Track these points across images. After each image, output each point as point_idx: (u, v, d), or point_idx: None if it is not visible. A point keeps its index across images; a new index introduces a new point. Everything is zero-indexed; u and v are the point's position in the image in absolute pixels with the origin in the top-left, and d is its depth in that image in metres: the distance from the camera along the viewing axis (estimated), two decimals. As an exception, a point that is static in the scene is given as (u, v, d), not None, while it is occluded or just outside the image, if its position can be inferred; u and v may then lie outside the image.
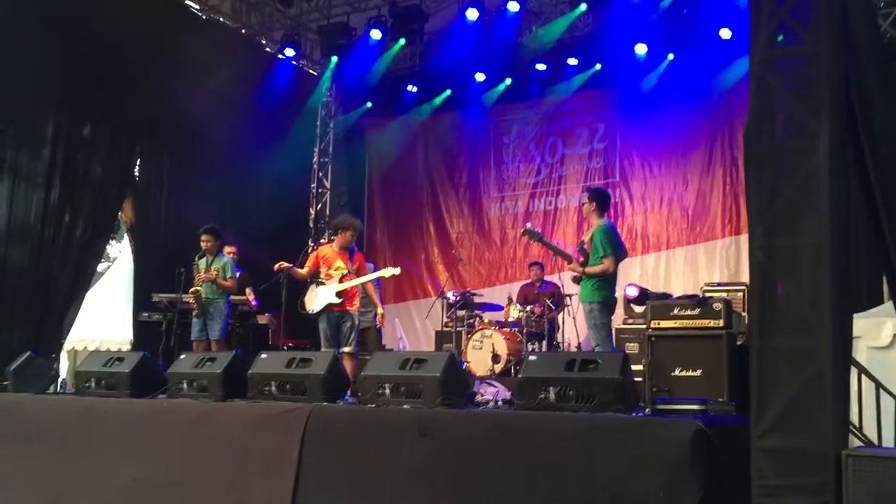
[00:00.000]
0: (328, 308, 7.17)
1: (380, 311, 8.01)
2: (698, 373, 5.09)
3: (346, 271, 7.27)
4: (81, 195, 8.72)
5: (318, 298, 7.24)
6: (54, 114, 8.55)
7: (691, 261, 10.45)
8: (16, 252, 8.10)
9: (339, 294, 7.16)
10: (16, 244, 8.09)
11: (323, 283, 7.27)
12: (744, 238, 9.78)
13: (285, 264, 7.38)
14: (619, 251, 6.66)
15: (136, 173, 9.92)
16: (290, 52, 11.27)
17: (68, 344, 9.59)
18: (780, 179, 3.33)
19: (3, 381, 6.47)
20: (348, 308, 7.25)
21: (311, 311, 7.28)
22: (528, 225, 7.42)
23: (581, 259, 6.61)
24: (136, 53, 9.20)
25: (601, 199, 6.85)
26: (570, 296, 8.82)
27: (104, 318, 10.83)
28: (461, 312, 9.52)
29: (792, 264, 3.24)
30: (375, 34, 10.75)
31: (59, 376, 7.46)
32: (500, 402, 5.34)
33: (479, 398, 5.60)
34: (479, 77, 11.69)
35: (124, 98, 9.18)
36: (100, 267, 11.18)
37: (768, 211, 3.34)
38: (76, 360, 10.78)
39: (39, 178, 8.36)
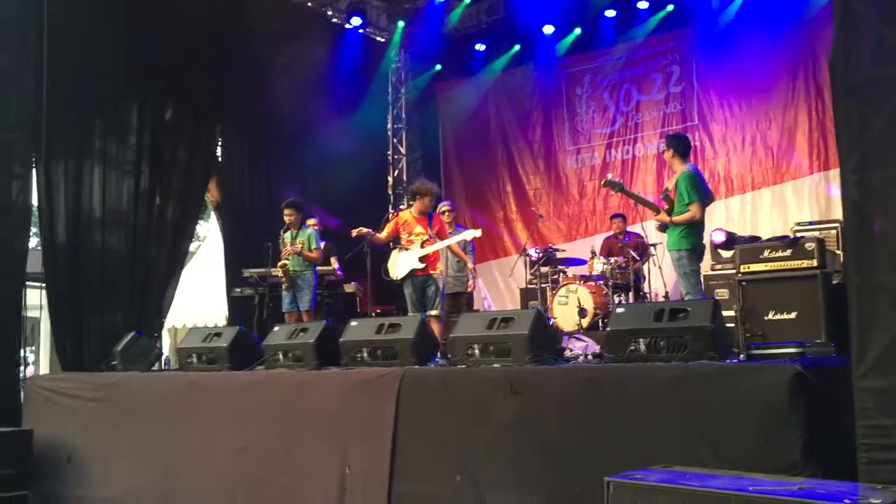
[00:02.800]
0: (412, 273, 7.27)
1: (469, 265, 8.02)
2: (793, 315, 4.98)
3: (426, 236, 7.34)
4: (169, 178, 8.98)
5: (401, 264, 7.35)
6: (137, 101, 8.81)
7: (779, 201, 10.10)
8: (113, 238, 8.42)
9: (421, 259, 7.25)
10: (112, 230, 8.41)
11: (405, 249, 7.37)
12: (833, 174, 9.41)
13: (364, 230, 7.49)
14: (705, 196, 6.50)
15: (219, 153, 10.16)
16: (356, 20, 11.29)
17: (168, 322, 9.99)
18: (870, 110, 3.19)
19: (111, 361, 6.82)
20: (431, 272, 7.34)
21: (395, 278, 7.40)
22: (609, 176, 7.32)
23: (666, 207, 6.49)
24: (209, 36, 9.38)
25: (680, 145, 6.69)
26: (654, 245, 8.69)
27: (200, 296, 11.24)
28: (544, 269, 9.48)
29: (888, 197, 3.11)
30: (440, -5, 10.68)
31: (162, 354, 7.80)
32: (589, 357, 5.34)
33: (568, 353, 5.61)
34: (548, 29, 11.47)
35: (202, 81, 9.40)
36: (192, 246, 11.57)
37: (860, 143, 3.20)
38: (177, 337, 11.30)
39: (128, 165, 8.63)
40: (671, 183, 6.61)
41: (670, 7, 10.73)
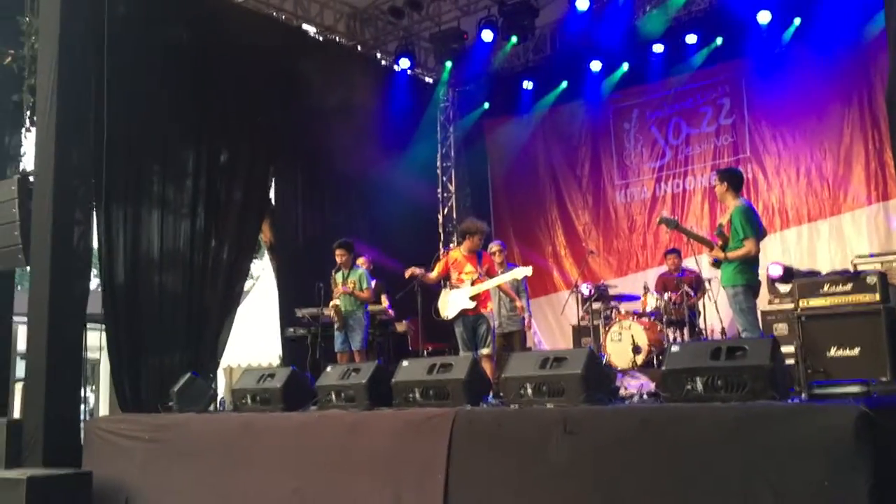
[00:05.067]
0: (463, 312, 7.27)
1: (517, 304, 7.98)
2: (856, 352, 4.86)
3: (476, 275, 7.34)
4: (224, 220, 9.19)
5: (451, 303, 7.35)
6: (194, 145, 9.05)
7: (836, 233, 9.87)
8: (169, 279, 8.61)
9: (472, 298, 7.24)
10: (169, 272, 8.61)
11: (456, 288, 7.37)
12: (893, 204, 9.21)
13: (417, 271, 7.52)
14: (759, 231, 6.39)
15: (272, 194, 10.36)
16: (405, 62, 11.47)
17: (223, 362, 10.12)
18: (931, 141, 3.12)
19: (168, 401, 6.92)
20: (482, 311, 7.33)
21: (445, 317, 7.40)
22: (664, 213, 7.24)
23: (720, 242, 6.39)
24: (262, 80, 9.64)
25: (733, 179, 6.59)
26: (709, 280, 8.55)
27: (254, 335, 11.37)
28: (596, 305, 9.39)
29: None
30: (487, 35, 10.76)
31: (217, 394, 7.88)
32: (645, 396, 5.26)
33: (623, 392, 5.53)
34: (595, 66, 11.51)
35: (256, 123, 9.63)
36: (246, 285, 11.74)
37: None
38: (232, 377, 11.42)
39: (185, 207, 8.86)
40: (725, 218, 6.51)
41: (719, 40, 10.69)
